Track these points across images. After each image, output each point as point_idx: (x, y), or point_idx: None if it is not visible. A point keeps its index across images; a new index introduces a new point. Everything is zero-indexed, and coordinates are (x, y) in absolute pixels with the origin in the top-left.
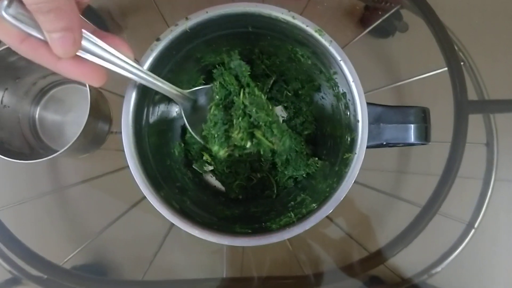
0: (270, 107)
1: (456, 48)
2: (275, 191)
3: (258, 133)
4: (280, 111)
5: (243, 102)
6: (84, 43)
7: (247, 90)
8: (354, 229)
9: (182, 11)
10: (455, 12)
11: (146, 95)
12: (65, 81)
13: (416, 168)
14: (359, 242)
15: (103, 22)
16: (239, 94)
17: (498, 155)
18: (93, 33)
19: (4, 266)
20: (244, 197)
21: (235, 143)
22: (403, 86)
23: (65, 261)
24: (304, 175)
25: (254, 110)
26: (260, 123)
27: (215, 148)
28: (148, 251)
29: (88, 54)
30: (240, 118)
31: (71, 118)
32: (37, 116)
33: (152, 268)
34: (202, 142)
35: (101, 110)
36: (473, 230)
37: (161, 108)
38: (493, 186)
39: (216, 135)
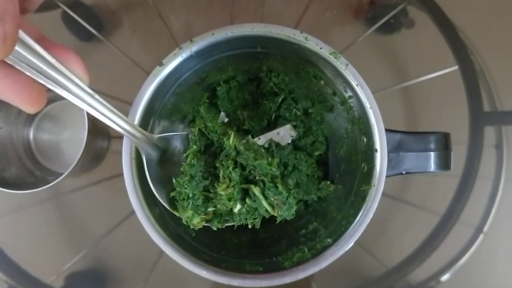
0: (270, 159)
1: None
2: None
3: (255, 190)
4: (289, 130)
5: (235, 147)
6: (20, 49)
7: (235, 135)
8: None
9: (180, 8)
10: (463, 9)
11: (151, 117)
12: (59, 97)
13: None
14: (372, 253)
15: (97, 20)
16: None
17: (508, 157)
18: (39, 40)
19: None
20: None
21: (218, 206)
22: (410, 86)
23: (64, 269)
24: (315, 199)
25: (252, 156)
26: (258, 177)
27: (187, 214)
28: (150, 256)
29: (25, 65)
30: (231, 168)
31: (67, 136)
32: (31, 136)
33: (154, 274)
34: (167, 207)
35: (99, 127)
36: (482, 235)
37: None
38: (503, 189)
39: (190, 195)
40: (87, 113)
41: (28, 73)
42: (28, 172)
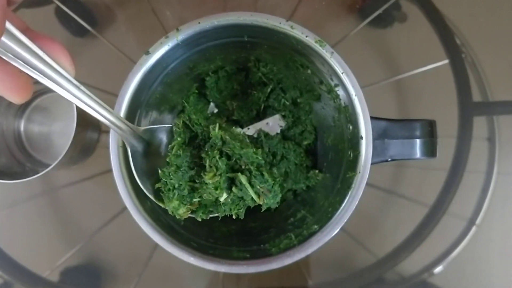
0: (255, 149)
1: (457, 40)
2: None
3: (242, 178)
4: (278, 120)
5: (221, 137)
6: (6, 40)
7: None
8: (350, 226)
9: (173, 3)
10: (454, 3)
11: (138, 107)
12: (50, 89)
13: (414, 161)
14: (363, 244)
15: (91, 15)
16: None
17: (500, 149)
18: (24, 32)
19: None
20: None
21: (203, 196)
22: (403, 79)
23: (58, 264)
24: (304, 188)
25: (238, 145)
26: (244, 166)
27: (173, 204)
28: (144, 251)
29: (11, 56)
30: (217, 157)
31: (58, 128)
32: (22, 127)
33: (148, 268)
34: (152, 198)
35: (89, 119)
36: (474, 227)
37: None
38: (495, 181)
39: (176, 185)
40: (76, 105)
41: (14, 63)
42: (18, 164)
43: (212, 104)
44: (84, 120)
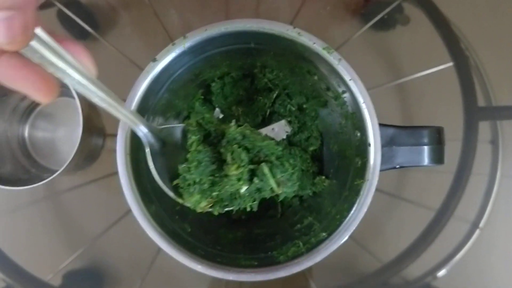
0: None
1: (461, 43)
2: (279, 210)
3: (264, 169)
4: (283, 125)
5: (241, 132)
6: (36, 42)
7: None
8: (355, 230)
9: (176, 6)
10: (458, 5)
11: (145, 113)
12: None
13: None
14: (367, 248)
15: (92, 18)
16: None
17: (504, 152)
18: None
19: None
20: (247, 217)
21: (225, 188)
22: (406, 82)
23: (61, 268)
24: (310, 194)
25: (259, 138)
26: (263, 157)
27: (194, 199)
28: (147, 255)
29: (38, 56)
30: (239, 150)
31: (62, 134)
32: (26, 133)
33: (151, 272)
34: (171, 195)
35: (94, 124)
36: (478, 231)
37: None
38: (499, 184)
39: (197, 180)
40: (82, 111)
41: (42, 65)
42: (23, 170)
43: (217, 109)
44: (90, 126)
